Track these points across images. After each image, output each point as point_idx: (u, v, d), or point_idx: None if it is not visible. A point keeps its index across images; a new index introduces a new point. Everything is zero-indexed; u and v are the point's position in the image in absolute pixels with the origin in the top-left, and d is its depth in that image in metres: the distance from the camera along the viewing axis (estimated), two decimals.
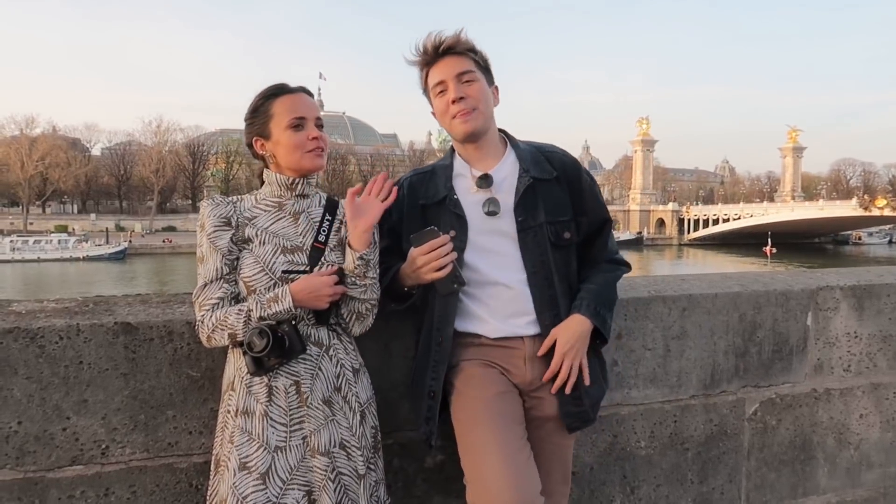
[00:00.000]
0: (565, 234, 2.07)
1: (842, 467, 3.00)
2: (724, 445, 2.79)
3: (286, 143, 1.93)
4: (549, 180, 2.08)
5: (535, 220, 2.04)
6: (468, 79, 2.02)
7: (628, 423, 2.63)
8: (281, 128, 1.93)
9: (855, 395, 2.99)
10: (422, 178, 2.16)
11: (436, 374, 2.04)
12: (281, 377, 1.85)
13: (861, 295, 2.97)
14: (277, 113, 1.93)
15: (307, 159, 1.95)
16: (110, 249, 62.64)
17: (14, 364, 1.91)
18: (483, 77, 2.06)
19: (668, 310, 2.65)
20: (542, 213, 2.05)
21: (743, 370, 2.78)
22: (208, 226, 1.90)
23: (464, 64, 2.02)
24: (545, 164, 2.10)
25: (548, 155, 2.14)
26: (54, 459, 1.96)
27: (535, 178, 2.07)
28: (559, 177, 2.10)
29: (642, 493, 2.67)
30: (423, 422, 2.06)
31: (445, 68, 2.02)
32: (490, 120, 2.09)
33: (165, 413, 2.06)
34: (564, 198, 2.09)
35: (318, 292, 1.82)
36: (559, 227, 2.06)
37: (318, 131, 1.95)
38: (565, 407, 2.04)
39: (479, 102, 2.02)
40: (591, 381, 2.06)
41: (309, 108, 1.96)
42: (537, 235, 2.04)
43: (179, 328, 2.05)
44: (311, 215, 1.99)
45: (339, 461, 1.88)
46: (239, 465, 1.82)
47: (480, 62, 2.06)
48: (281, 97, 1.95)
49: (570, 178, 2.11)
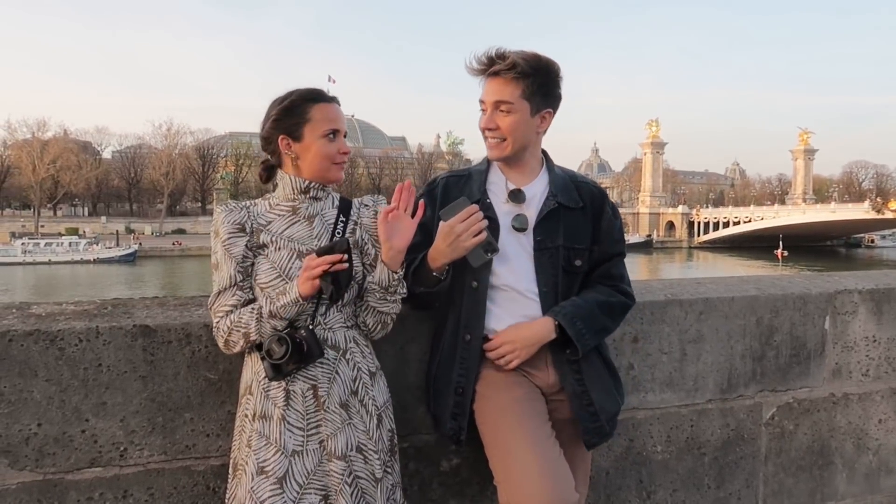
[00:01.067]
0: (577, 262, 2.12)
1: (860, 473, 2.97)
2: (741, 450, 2.76)
3: (317, 151, 1.93)
4: (573, 209, 2.13)
5: (553, 242, 2.10)
6: (505, 109, 2.04)
7: (644, 428, 2.61)
8: (316, 135, 1.93)
9: (874, 399, 2.97)
10: (457, 181, 2.21)
11: (464, 370, 2.08)
12: (298, 381, 1.85)
13: (880, 299, 2.95)
14: (316, 119, 1.93)
15: (333, 171, 1.97)
16: (121, 252, 63.00)
17: (34, 366, 1.92)
18: (526, 106, 2.04)
19: (685, 313, 2.63)
20: (560, 237, 2.10)
21: (760, 374, 2.76)
22: (223, 232, 1.90)
23: (505, 92, 2.02)
24: (573, 193, 2.15)
25: (579, 185, 2.19)
26: (73, 461, 1.96)
27: (560, 203, 2.11)
28: (585, 207, 2.15)
29: (658, 499, 2.65)
30: (450, 418, 2.09)
31: (488, 91, 2.05)
32: (523, 148, 2.11)
33: (183, 416, 2.06)
34: (586, 228, 2.14)
35: (300, 278, 1.80)
36: (573, 253, 2.11)
37: (347, 145, 1.98)
38: (583, 423, 2.08)
39: (509, 134, 2.06)
40: (604, 394, 2.10)
41: (342, 121, 1.99)
42: (553, 257, 2.09)
43: (197, 331, 2.06)
44: (326, 217, 1.99)
45: (356, 465, 1.88)
46: (256, 469, 1.82)
47: (531, 87, 2.03)
48: (321, 104, 1.95)
49: (595, 209, 2.17)
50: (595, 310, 2.09)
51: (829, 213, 79.00)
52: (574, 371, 2.08)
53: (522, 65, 2.00)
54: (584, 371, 2.09)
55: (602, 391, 2.11)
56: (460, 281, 2.08)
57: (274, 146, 1.97)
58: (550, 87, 2.08)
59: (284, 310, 1.81)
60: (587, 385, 2.08)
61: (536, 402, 2.07)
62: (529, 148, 2.14)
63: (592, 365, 2.12)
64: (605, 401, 2.11)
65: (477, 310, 2.08)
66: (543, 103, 2.08)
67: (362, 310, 1.96)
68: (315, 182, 1.97)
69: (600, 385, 2.11)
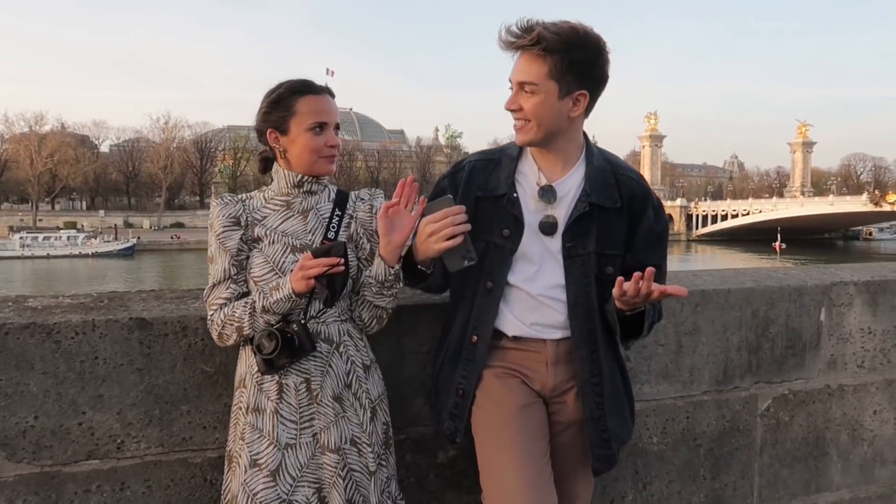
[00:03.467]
0: (608, 269, 1.91)
1: (855, 464, 2.98)
2: (736, 441, 2.78)
3: (303, 144, 1.90)
4: (609, 209, 1.91)
5: (585, 248, 1.90)
6: (529, 90, 1.82)
7: (640, 419, 2.62)
8: (301, 128, 1.90)
9: (869, 391, 2.98)
10: (485, 166, 1.99)
11: (467, 371, 1.97)
12: (291, 375, 1.86)
13: (875, 291, 2.95)
14: (301, 112, 1.89)
15: (320, 164, 1.93)
16: (119, 246, 63.02)
17: (31, 359, 1.92)
18: (553, 87, 1.81)
19: (681, 305, 2.64)
20: (592, 242, 1.90)
21: (756, 366, 2.77)
22: (217, 226, 1.90)
23: (531, 72, 1.80)
24: (612, 190, 1.92)
25: (620, 178, 1.95)
26: (70, 454, 1.97)
27: (593, 203, 1.89)
28: (622, 208, 1.92)
29: (654, 489, 2.67)
30: (449, 418, 2.00)
31: (515, 69, 1.85)
32: (553, 134, 1.88)
33: (180, 408, 2.07)
34: (620, 231, 1.93)
35: (294, 276, 1.78)
36: (604, 260, 1.92)
37: (336, 137, 1.94)
38: (595, 448, 1.97)
39: (533, 117, 1.84)
40: (620, 422, 2.02)
41: (332, 113, 1.93)
42: (584, 264, 1.91)
43: (194, 323, 2.06)
44: (321, 211, 1.98)
45: (351, 458, 1.88)
46: (250, 462, 1.83)
47: (560, 65, 1.79)
48: (307, 96, 1.90)
49: (634, 210, 1.94)
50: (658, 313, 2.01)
51: (828, 205, 79.11)
52: (596, 394, 1.95)
53: (550, 39, 1.76)
54: (605, 396, 1.96)
55: (619, 418, 2.01)
56: (475, 280, 1.94)
57: (265, 139, 1.96)
58: (588, 65, 1.82)
59: (277, 305, 1.81)
60: (605, 410, 1.96)
61: (533, 414, 1.94)
62: (563, 134, 1.90)
63: (615, 391, 2.00)
64: (620, 429, 2.02)
65: (488, 312, 1.94)
66: (576, 84, 1.82)
67: (358, 304, 1.96)
68: (308, 176, 1.96)
69: (618, 412, 2.01)
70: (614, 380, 2.01)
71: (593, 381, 1.95)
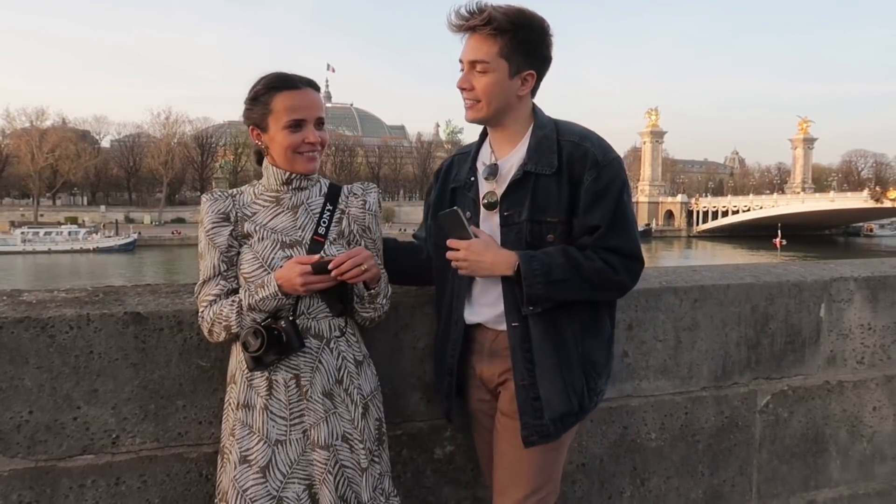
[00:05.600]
0: (548, 237, 1.90)
1: (854, 460, 2.98)
2: (735, 438, 2.77)
3: (281, 142, 1.87)
4: (545, 174, 1.90)
5: (519, 216, 1.91)
6: (481, 69, 1.87)
7: (638, 415, 2.61)
8: (278, 126, 1.86)
9: (868, 387, 2.97)
10: (460, 159, 2.14)
11: (454, 351, 2.05)
12: (281, 371, 1.84)
13: (875, 286, 2.94)
14: (277, 109, 1.85)
15: (299, 162, 1.89)
16: (120, 241, 62.95)
17: (25, 353, 1.91)
18: (504, 66, 1.86)
19: (680, 301, 2.62)
20: (525, 210, 1.90)
21: (755, 362, 2.76)
22: (206, 222, 1.89)
23: (481, 51, 1.85)
24: (552, 156, 1.91)
25: (563, 143, 1.93)
26: (65, 448, 1.96)
27: (528, 172, 1.91)
28: (560, 171, 1.90)
29: (652, 485, 2.66)
30: (444, 397, 2.11)
31: (465, 49, 1.89)
32: (501, 112, 1.94)
33: (175, 403, 2.06)
34: (559, 196, 1.89)
35: (290, 281, 1.77)
36: (543, 228, 1.90)
37: (316, 134, 1.88)
38: (524, 417, 1.91)
39: (484, 96, 1.89)
40: (555, 391, 1.90)
41: (311, 108, 1.87)
42: (519, 233, 1.91)
43: (189, 318, 2.05)
44: (311, 207, 1.94)
45: (342, 454, 1.87)
46: (240, 458, 1.82)
47: (510, 45, 1.84)
48: (284, 92, 1.85)
49: (573, 174, 1.89)
50: (560, 258, 1.84)
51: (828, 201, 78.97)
52: (527, 360, 1.91)
53: (501, 20, 1.82)
54: (537, 363, 1.90)
55: (553, 386, 1.90)
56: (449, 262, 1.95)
57: (251, 136, 1.95)
58: (535, 45, 1.89)
59: (263, 303, 1.80)
60: (537, 377, 1.90)
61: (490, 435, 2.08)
62: (511, 112, 1.95)
63: (547, 357, 1.90)
64: (554, 397, 1.90)
65: (461, 292, 2.02)
66: (525, 63, 1.89)
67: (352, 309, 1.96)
68: (295, 173, 1.92)
69: (552, 380, 1.90)
70: (548, 348, 1.90)
71: (524, 348, 1.91)
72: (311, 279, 1.76)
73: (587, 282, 1.86)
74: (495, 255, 1.86)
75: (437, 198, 2.12)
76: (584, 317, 1.96)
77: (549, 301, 1.86)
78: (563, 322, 1.93)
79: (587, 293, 1.90)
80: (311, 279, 1.76)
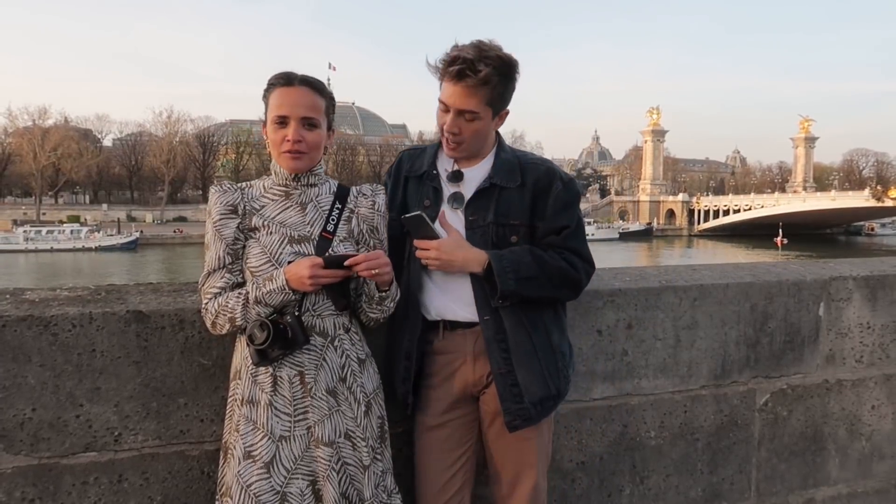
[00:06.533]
0: (512, 238, 2.07)
1: (853, 458, 2.99)
2: (734, 436, 2.78)
3: (270, 138, 1.92)
4: (509, 188, 2.08)
5: (484, 219, 2.07)
6: (469, 118, 2.01)
7: (638, 413, 2.62)
8: (269, 122, 1.91)
9: (867, 386, 2.98)
10: (412, 154, 2.26)
11: (412, 336, 2.10)
12: (285, 367, 1.86)
13: (874, 285, 2.95)
14: (270, 105, 1.91)
15: (283, 160, 1.91)
16: (122, 239, 62.97)
17: (28, 352, 1.92)
18: (489, 112, 2.03)
19: (679, 300, 2.63)
20: (491, 214, 2.07)
21: (754, 361, 2.77)
22: (214, 213, 1.91)
23: (471, 103, 1.98)
24: (515, 174, 2.10)
25: (525, 166, 2.12)
26: (68, 446, 1.97)
27: (494, 183, 2.08)
28: (524, 185, 2.09)
29: (652, 483, 2.67)
30: (401, 382, 2.13)
31: (454, 96, 1.99)
32: (479, 146, 2.12)
33: (177, 401, 2.07)
34: (521, 204, 2.08)
35: (298, 274, 1.79)
36: (507, 230, 2.07)
37: (297, 133, 1.87)
38: (506, 403, 2.04)
39: (469, 140, 2.06)
40: (532, 376, 2.04)
41: (294, 107, 1.87)
42: (485, 234, 2.06)
43: (191, 316, 2.06)
44: (320, 204, 1.97)
45: (345, 451, 1.89)
46: (244, 453, 1.83)
47: (493, 92, 1.99)
48: (278, 89, 1.89)
49: (539, 188, 2.09)
50: (527, 257, 2.02)
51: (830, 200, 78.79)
52: (502, 350, 2.03)
53: (489, 73, 1.94)
54: (512, 351, 2.03)
55: (529, 372, 2.03)
56: (407, 249, 2.09)
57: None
58: (510, 88, 2.05)
59: (269, 297, 1.81)
60: (513, 365, 2.03)
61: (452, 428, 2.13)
62: (481, 147, 2.13)
63: (521, 345, 2.04)
64: (532, 383, 2.03)
65: (419, 279, 2.10)
66: (502, 105, 2.07)
67: (357, 309, 1.99)
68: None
69: (528, 367, 2.04)
70: (522, 336, 2.04)
71: (498, 339, 2.04)
72: (320, 273, 1.78)
73: (550, 279, 2.05)
74: (466, 253, 2.02)
75: (393, 190, 2.20)
76: (548, 310, 2.13)
77: (517, 296, 2.02)
78: (532, 313, 2.08)
79: (549, 290, 2.08)
80: (320, 273, 1.78)
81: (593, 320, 2.52)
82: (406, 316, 2.11)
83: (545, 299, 2.10)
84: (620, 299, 2.55)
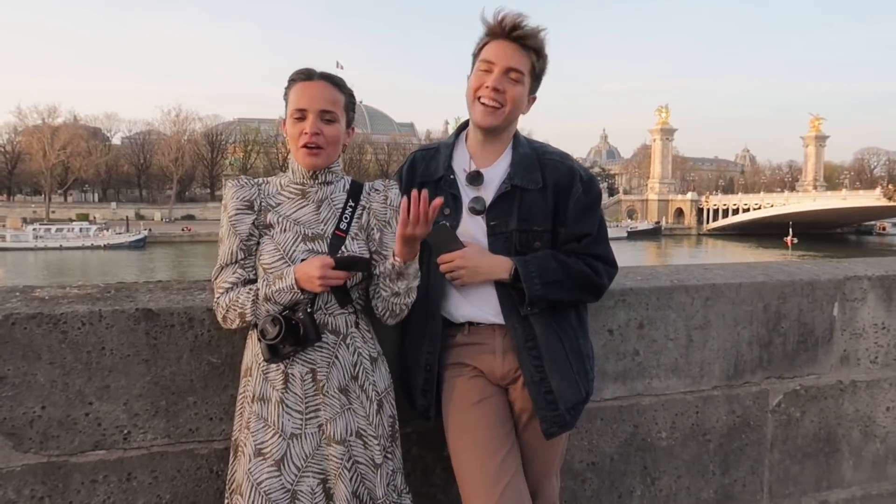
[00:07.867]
0: (535, 244, 2.03)
1: (867, 460, 2.95)
2: (746, 437, 2.75)
3: (288, 132, 1.91)
4: (530, 190, 2.03)
5: (507, 226, 2.02)
6: (514, 78, 1.97)
7: (649, 414, 2.60)
8: (288, 116, 1.90)
9: (882, 387, 2.94)
10: (424, 156, 2.18)
11: (432, 347, 2.06)
12: (297, 365, 1.85)
13: (889, 285, 2.91)
14: (289, 100, 1.91)
15: (300, 154, 1.91)
16: (131, 237, 63.31)
17: (38, 349, 1.92)
18: (528, 83, 2.02)
19: (691, 299, 2.61)
20: (514, 221, 2.02)
21: (767, 361, 2.74)
22: (230, 208, 1.90)
23: (520, 62, 1.96)
24: (536, 174, 2.04)
25: (545, 162, 2.07)
26: (77, 444, 1.97)
27: (515, 185, 2.02)
28: (545, 188, 2.03)
29: (663, 485, 2.65)
30: (421, 395, 2.07)
31: (503, 54, 1.96)
32: (511, 123, 2.07)
33: (186, 399, 2.06)
34: (545, 209, 2.03)
35: (308, 274, 1.77)
36: (530, 236, 2.03)
37: (315, 125, 1.87)
38: (541, 411, 2.00)
39: (509, 104, 1.99)
40: (565, 382, 1.99)
41: (313, 100, 1.87)
42: (508, 241, 2.02)
43: (200, 315, 2.06)
44: (334, 202, 1.96)
45: (356, 450, 1.88)
46: (254, 451, 1.82)
47: (536, 68, 2.00)
48: (297, 84, 1.90)
49: (559, 189, 2.04)
50: (552, 262, 1.99)
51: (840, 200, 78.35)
52: (533, 357, 1.99)
53: (538, 40, 1.97)
54: (544, 357, 1.99)
55: (562, 379, 2.00)
56: (427, 259, 2.03)
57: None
58: (544, 73, 2.05)
59: (279, 294, 1.80)
60: (546, 372, 1.98)
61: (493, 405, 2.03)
62: (510, 126, 2.08)
63: (553, 351, 2.00)
64: (566, 389, 1.99)
65: (442, 288, 2.05)
66: (537, 84, 2.06)
67: (373, 295, 1.95)
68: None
69: (561, 372, 2.00)
70: (553, 342, 2.00)
71: (528, 346, 2.00)
72: (330, 274, 1.77)
73: (575, 283, 2.02)
74: (491, 260, 1.99)
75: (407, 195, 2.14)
76: (573, 313, 2.10)
77: (545, 301, 1.99)
78: (560, 317, 2.05)
79: (574, 294, 2.06)
80: (330, 274, 1.77)
81: (604, 320, 2.50)
82: (425, 324, 2.06)
83: (570, 302, 2.07)
84: (632, 299, 2.53)
